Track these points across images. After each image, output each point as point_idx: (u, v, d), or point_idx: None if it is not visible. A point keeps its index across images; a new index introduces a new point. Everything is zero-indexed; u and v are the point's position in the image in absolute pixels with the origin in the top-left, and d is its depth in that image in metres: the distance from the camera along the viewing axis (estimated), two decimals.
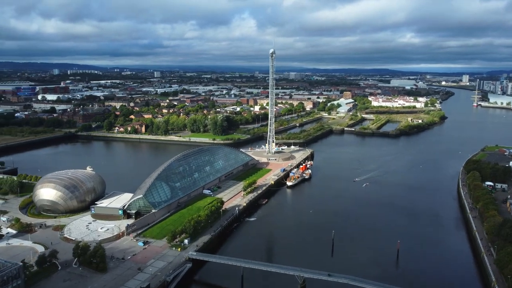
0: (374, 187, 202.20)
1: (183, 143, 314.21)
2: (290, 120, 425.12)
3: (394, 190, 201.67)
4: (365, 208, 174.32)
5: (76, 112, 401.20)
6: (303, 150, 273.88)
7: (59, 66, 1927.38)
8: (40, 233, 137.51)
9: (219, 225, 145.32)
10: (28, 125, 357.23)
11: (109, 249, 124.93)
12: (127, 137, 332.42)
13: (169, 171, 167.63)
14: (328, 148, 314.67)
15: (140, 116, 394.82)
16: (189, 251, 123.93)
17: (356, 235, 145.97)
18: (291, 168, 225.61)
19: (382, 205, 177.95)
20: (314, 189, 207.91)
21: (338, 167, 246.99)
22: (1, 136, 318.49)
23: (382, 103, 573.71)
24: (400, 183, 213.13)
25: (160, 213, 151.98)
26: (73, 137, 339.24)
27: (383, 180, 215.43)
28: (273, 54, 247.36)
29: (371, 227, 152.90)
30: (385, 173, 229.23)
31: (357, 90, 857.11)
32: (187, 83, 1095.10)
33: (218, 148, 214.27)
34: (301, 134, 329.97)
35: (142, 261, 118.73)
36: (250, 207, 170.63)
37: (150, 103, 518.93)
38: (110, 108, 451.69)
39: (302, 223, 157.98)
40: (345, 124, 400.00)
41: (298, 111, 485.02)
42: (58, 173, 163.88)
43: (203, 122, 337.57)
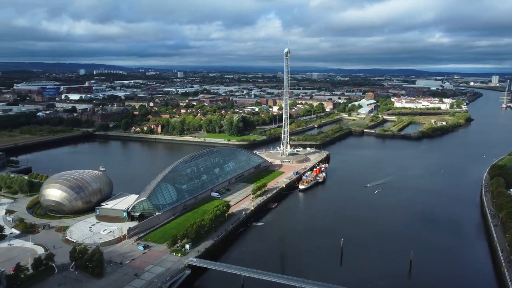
0: (389, 192, 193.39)
1: (198, 143, 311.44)
2: (309, 121, 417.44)
3: (411, 195, 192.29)
4: (379, 214, 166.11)
5: (95, 112, 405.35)
6: (319, 152, 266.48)
7: (86, 67, 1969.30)
8: (42, 234, 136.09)
9: (224, 230, 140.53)
10: (49, 124, 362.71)
11: (109, 253, 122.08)
12: (143, 137, 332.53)
13: (175, 172, 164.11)
14: (346, 150, 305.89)
15: (157, 116, 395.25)
16: (189, 257, 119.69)
17: (367, 243, 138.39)
18: (305, 171, 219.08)
19: (397, 212, 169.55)
20: (327, 193, 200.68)
21: (355, 171, 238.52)
22: (21, 135, 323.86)
23: (405, 104, 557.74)
24: (418, 188, 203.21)
25: (165, 216, 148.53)
26: (91, 136, 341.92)
27: (400, 185, 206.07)
28: (288, 53, 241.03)
29: (383, 235, 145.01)
30: (403, 178, 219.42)
31: (380, 90, 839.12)
32: (209, 83, 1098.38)
33: (228, 150, 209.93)
34: (318, 135, 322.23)
35: (140, 266, 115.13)
36: (258, 211, 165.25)
37: (169, 103, 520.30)
38: (129, 108, 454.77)
39: (311, 229, 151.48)
40: (365, 126, 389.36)
41: (317, 112, 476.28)
42: (64, 174, 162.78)
43: (218, 123, 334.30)
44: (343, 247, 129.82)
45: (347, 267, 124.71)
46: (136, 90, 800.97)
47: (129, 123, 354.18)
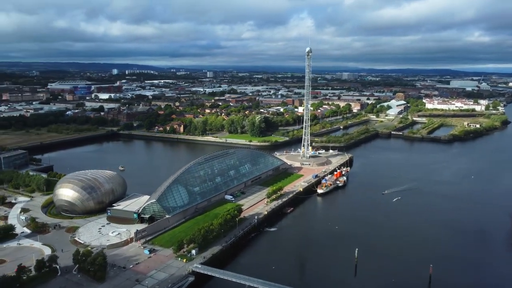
0: (410, 199, 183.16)
1: (219, 144, 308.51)
2: (334, 122, 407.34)
3: (435, 202, 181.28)
4: (397, 223, 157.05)
5: (120, 111, 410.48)
6: (341, 155, 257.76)
7: (120, 66, 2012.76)
8: (52, 235, 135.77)
9: (233, 235, 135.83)
10: (76, 123, 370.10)
11: (114, 256, 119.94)
12: (165, 136, 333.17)
13: (188, 174, 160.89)
14: (371, 153, 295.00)
15: (182, 115, 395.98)
16: (194, 263, 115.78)
17: (383, 254, 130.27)
18: (324, 175, 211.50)
19: (418, 220, 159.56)
20: (346, 199, 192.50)
21: (378, 175, 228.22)
22: (48, 133, 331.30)
23: (437, 105, 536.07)
24: (444, 195, 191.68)
25: (175, 218, 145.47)
26: (115, 135, 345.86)
27: (424, 191, 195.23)
28: (310, 53, 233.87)
29: (401, 245, 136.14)
30: (428, 183, 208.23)
31: (412, 91, 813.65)
32: (237, 83, 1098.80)
33: (245, 151, 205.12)
34: (342, 137, 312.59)
35: (144, 271, 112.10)
36: (272, 216, 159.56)
37: (195, 103, 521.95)
38: (155, 108, 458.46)
39: (325, 237, 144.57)
40: (393, 128, 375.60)
41: (344, 112, 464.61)
42: (78, 174, 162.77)
43: (240, 123, 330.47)
44: (358, 257, 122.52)
45: (361, 278, 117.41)
46: (165, 89, 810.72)
47: (153, 122, 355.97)
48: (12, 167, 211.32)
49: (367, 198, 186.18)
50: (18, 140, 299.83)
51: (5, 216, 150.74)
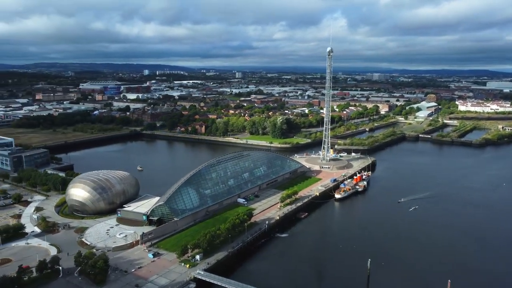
0: (433, 206, 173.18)
1: (239, 145, 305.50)
2: (360, 124, 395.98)
3: (459, 211, 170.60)
4: (416, 232, 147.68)
5: (145, 111, 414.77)
6: (364, 159, 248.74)
7: (151, 67, 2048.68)
8: (61, 235, 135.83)
9: (241, 240, 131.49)
10: (101, 122, 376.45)
11: (118, 259, 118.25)
12: (187, 137, 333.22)
13: (199, 176, 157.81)
14: (396, 157, 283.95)
15: (205, 116, 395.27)
16: (198, 269, 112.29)
17: (398, 266, 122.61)
18: (344, 179, 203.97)
19: (438, 230, 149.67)
20: (364, 205, 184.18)
21: (402, 180, 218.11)
22: (74, 132, 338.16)
23: (470, 107, 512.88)
24: (470, 203, 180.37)
25: (184, 221, 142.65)
26: (138, 135, 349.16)
27: (449, 198, 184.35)
28: (330, 53, 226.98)
29: (418, 257, 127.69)
30: (454, 190, 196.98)
31: (445, 92, 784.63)
32: (265, 84, 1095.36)
33: (261, 154, 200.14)
34: (366, 140, 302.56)
35: (145, 276, 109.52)
36: (285, 221, 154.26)
37: (220, 103, 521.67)
38: (179, 108, 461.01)
39: (338, 245, 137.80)
40: (421, 130, 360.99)
41: (370, 114, 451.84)
42: (90, 174, 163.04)
43: (262, 124, 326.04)
44: (371, 268, 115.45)
45: None
46: (192, 90, 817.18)
47: (175, 122, 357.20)
48: (33, 166, 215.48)
49: (385, 206, 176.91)
50: (44, 139, 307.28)
51: (19, 214, 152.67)
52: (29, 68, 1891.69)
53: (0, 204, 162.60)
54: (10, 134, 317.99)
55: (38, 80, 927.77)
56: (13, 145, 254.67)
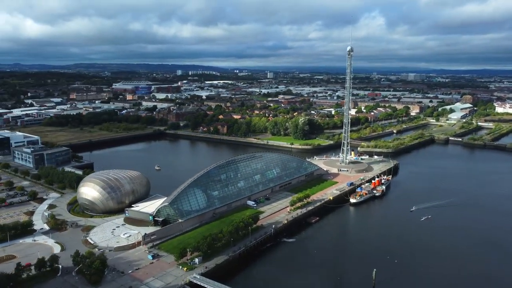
0: (452, 214, 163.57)
1: (260, 145, 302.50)
2: (387, 126, 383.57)
3: (481, 219, 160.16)
4: (429, 242, 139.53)
5: (170, 111, 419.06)
6: (386, 162, 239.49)
7: (185, 68, 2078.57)
8: (68, 233, 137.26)
9: (244, 244, 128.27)
10: (127, 121, 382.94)
11: (117, 259, 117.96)
12: (209, 137, 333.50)
13: (207, 178, 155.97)
14: (422, 160, 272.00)
15: (229, 116, 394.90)
16: (195, 272, 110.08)
17: (407, 279, 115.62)
18: (361, 183, 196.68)
19: (453, 240, 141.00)
20: (379, 211, 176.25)
21: (424, 185, 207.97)
22: (100, 131, 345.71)
23: (509, 109, 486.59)
24: (495, 210, 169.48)
25: (189, 223, 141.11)
26: (162, 134, 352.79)
27: (473, 205, 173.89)
28: (351, 52, 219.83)
29: (427, 269, 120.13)
30: (479, 196, 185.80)
31: (483, 93, 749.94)
32: (296, 84, 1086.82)
33: (275, 156, 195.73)
34: (391, 142, 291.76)
35: (141, 277, 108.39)
36: (293, 225, 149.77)
37: (246, 103, 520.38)
38: (205, 108, 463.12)
39: (345, 252, 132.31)
40: (452, 133, 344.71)
41: (400, 116, 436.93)
42: (101, 173, 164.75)
43: (284, 125, 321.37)
44: (376, 279, 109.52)
45: None
46: (221, 90, 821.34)
47: (199, 122, 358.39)
48: (54, 163, 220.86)
49: (398, 213, 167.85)
50: (70, 137, 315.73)
51: (32, 211, 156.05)
52: (70, 68, 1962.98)
53: (16, 200, 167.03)
54: (39, 132, 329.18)
55: (75, 80, 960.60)
56: (39, 143, 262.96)
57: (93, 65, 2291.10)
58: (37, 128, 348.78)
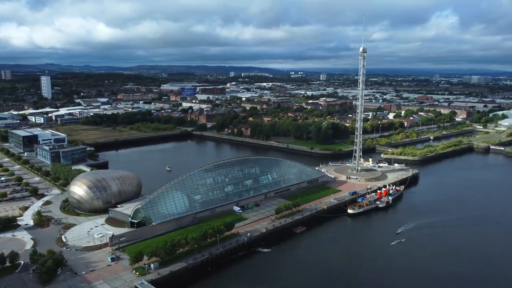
0: (443, 236, 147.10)
1: (280, 149, 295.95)
2: (425, 132, 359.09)
3: (490, 242, 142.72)
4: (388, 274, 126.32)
5: (201, 112, 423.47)
6: (405, 170, 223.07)
7: (240, 69, 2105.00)
8: (49, 229, 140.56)
9: (208, 252, 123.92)
10: (159, 122, 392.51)
11: (79, 259, 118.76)
12: (232, 139, 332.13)
13: (190, 181, 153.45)
14: (451, 170, 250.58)
15: (260, 118, 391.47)
16: (143, 278, 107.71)
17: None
18: (366, 192, 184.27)
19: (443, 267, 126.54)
20: (380, 224, 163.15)
21: (440, 198, 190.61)
22: (130, 131, 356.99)
23: None
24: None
25: (164, 226, 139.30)
26: (188, 135, 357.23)
27: (486, 224, 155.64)
28: (364, 53, 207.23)
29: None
30: (499, 214, 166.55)
31: None
32: (346, 86, 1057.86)
33: (272, 160, 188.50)
34: (419, 149, 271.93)
35: (91, 280, 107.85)
36: (275, 235, 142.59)
37: (282, 106, 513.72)
38: (239, 110, 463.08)
39: (320, 270, 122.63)
40: (496, 141, 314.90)
41: (443, 121, 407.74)
42: (90, 173, 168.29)
43: (307, 129, 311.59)
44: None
45: None
46: (266, 92, 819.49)
47: (225, 124, 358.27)
48: (70, 161, 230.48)
49: (384, 232, 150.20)
50: (100, 136, 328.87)
51: (27, 206, 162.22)
52: (132, 70, 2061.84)
53: (18, 195, 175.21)
54: (74, 130, 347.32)
55: (129, 81, 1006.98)
56: (65, 141, 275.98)
57: (155, 67, 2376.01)
58: (74, 127, 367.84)
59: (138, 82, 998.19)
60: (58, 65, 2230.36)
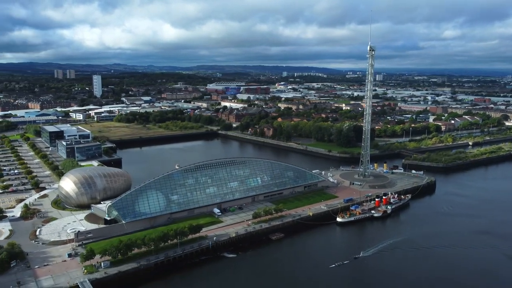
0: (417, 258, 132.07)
1: (298, 151, 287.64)
2: (465, 137, 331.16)
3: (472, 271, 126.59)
4: None
5: (231, 111, 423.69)
6: (418, 178, 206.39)
7: (297, 69, 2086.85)
8: (31, 222, 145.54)
9: (165, 254, 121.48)
10: (190, 120, 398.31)
11: (40, 253, 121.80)
12: (253, 139, 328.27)
13: (169, 180, 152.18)
14: (479, 180, 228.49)
15: (289, 119, 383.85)
16: (87, 277, 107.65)
17: None
18: (363, 200, 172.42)
19: None
20: (371, 234, 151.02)
21: (451, 212, 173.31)
22: (158, 129, 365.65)
23: None
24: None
25: (135, 225, 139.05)
26: (213, 134, 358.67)
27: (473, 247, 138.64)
28: (372, 51, 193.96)
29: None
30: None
31: None
32: (402, 87, 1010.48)
33: (264, 163, 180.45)
34: (445, 156, 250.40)
35: (40, 275, 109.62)
36: (246, 240, 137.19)
37: (319, 106, 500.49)
38: (272, 110, 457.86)
39: (280, 282, 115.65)
40: None
41: (489, 125, 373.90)
42: (81, 169, 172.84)
43: (328, 131, 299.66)
44: None
45: None
46: (311, 92, 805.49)
47: (249, 124, 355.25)
48: (84, 157, 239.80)
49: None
50: (127, 133, 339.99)
51: (23, 199, 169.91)
52: (191, 70, 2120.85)
53: (21, 188, 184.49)
54: (106, 127, 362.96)
55: (181, 80, 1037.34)
56: (89, 137, 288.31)
57: (213, 66, 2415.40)
58: (108, 124, 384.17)
59: (189, 81, 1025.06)
60: (124, 65, 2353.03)
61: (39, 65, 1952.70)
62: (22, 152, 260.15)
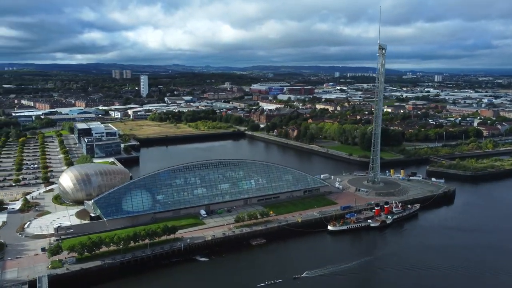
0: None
1: (320, 153, 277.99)
2: (509, 143, 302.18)
3: None
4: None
5: (262, 112, 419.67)
6: (437, 186, 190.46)
7: (353, 70, 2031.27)
8: (26, 215, 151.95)
9: (132, 254, 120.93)
10: (221, 120, 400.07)
11: (19, 245, 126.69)
12: (277, 140, 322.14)
13: (156, 180, 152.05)
14: (507, 191, 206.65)
15: (321, 120, 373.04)
16: (51, 272, 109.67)
17: None
18: (363, 208, 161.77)
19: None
20: (350, 248, 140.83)
21: (457, 226, 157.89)
22: (186, 128, 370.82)
23: None
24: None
25: (116, 222, 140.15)
26: (241, 135, 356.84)
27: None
28: (383, 49, 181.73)
29: None
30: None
31: None
32: (460, 88, 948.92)
33: (260, 165, 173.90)
34: (474, 164, 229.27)
35: (8, 267, 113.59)
36: (223, 244, 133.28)
37: (357, 107, 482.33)
38: (308, 111, 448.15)
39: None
40: None
41: None
42: (80, 166, 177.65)
43: (352, 133, 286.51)
44: None
45: None
46: (358, 93, 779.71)
47: (276, 125, 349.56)
48: (104, 154, 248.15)
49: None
50: (155, 131, 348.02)
51: (29, 192, 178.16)
52: (246, 70, 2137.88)
53: (33, 182, 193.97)
54: (138, 125, 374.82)
55: (230, 81, 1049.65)
56: (116, 135, 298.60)
57: (268, 67, 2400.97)
58: (141, 122, 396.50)
59: (238, 81, 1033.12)
60: (182, 66, 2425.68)
61: (104, 65, 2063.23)
62: (51, 148, 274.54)
